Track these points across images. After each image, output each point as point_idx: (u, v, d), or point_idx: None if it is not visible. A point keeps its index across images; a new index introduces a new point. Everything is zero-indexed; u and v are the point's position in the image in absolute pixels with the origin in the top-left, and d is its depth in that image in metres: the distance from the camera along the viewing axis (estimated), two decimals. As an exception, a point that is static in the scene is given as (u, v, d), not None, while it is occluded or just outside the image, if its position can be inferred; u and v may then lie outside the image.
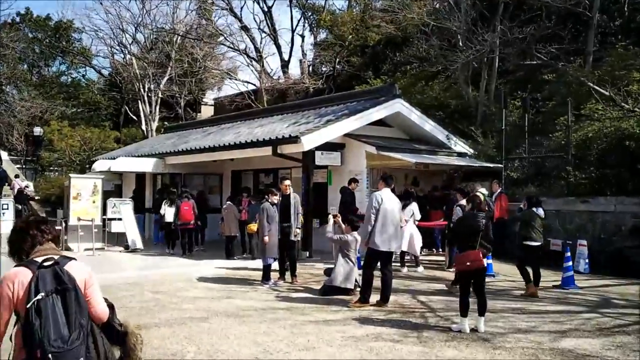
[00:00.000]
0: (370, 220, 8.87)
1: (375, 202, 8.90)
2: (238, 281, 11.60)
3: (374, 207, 8.87)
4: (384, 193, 9.09)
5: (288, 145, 14.36)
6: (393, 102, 15.79)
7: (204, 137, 19.88)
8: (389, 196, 9.12)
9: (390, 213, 9.00)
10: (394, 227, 9.01)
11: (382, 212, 8.89)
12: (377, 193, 9.08)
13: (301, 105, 19.21)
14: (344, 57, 29.47)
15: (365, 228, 8.97)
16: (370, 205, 8.95)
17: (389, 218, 8.95)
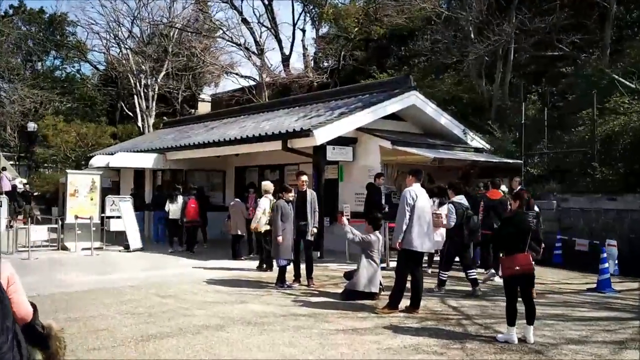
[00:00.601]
0: (405, 218, 8.10)
1: (410, 199, 8.14)
2: (249, 284, 10.81)
3: (409, 204, 8.11)
4: (416, 189, 8.33)
5: (299, 139, 13.60)
6: (408, 94, 15.02)
7: (206, 131, 19.07)
8: (421, 192, 8.36)
9: (423, 210, 8.25)
10: (427, 225, 8.25)
11: (416, 210, 8.13)
12: (410, 189, 8.30)
13: (309, 98, 18.41)
14: (348, 50, 28.66)
15: (399, 227, 8.19)
16: (404, 202, 8.18)
17: (422, 216, 8.20)
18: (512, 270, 6.81)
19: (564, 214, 14.40)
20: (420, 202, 8.20)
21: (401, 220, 8.18)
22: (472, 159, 15.03)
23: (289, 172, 17.71)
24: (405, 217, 8.11)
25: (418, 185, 8.41)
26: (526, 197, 7.29)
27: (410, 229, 8.11)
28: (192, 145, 16.87)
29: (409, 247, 8.14)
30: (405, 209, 8.15)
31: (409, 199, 8.16)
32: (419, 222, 8.14)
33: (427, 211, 8.33)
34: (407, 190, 8.29)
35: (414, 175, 8.44)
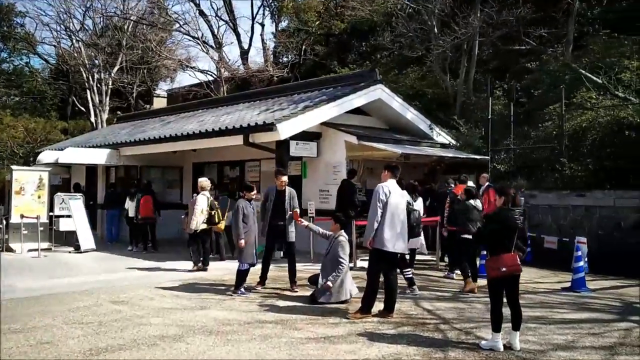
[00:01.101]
0: (376, 216, 7.57)
1: (383, 195, 7.61)
2: (210, 287, 10.11)
3: (381, 201, 7.58)
4: (390, 185, 7.80)
5: (261, 133, 12.94)
6: (374, 88, 14.51)
7: (163, 126, 18.20)
8: (395, 189, 7.84)
9: (397, 208, 7.74)
10: (400, 225, 7.73)
11: (389, 207, 7.61)
12: (383, 184, 7.77)
13: (272, 92, 17.72)
14: (309, 44, 28.06)
15: (370, 225, 7.65)
16: (376, 198, 7.64)
17: (396, 214, 7.68)
18: (497, 272, 6.34)
19: (532, 210, 14.11)
20: (393, 199, 7.68)
21: (373, 217, 7.64)
22: (439, 154, 14.63)
23: (249, 169, 17.04)
24: (377, 215, 7.58)
25: (393, 181, 7.90)
26: (512, 194, 6.83)
27: (382, 227, 7.58)
28: (148, 140, 16.03)
29: (381, 247, 7.61)
30: (377, 205, 7.61)
31: (381, 194, 7.63)
32: (392, 220, 7.62)
33: (401, 209, 7.81)
34: (381, 185, 7.76)
35: (390, 171, 7.92)
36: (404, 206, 7.99)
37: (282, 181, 9.78)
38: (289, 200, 9.74)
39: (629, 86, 14.57)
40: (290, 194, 9.82)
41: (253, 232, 9.51)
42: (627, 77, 14.68)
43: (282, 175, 9.89)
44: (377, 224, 7.56)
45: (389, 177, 7.88)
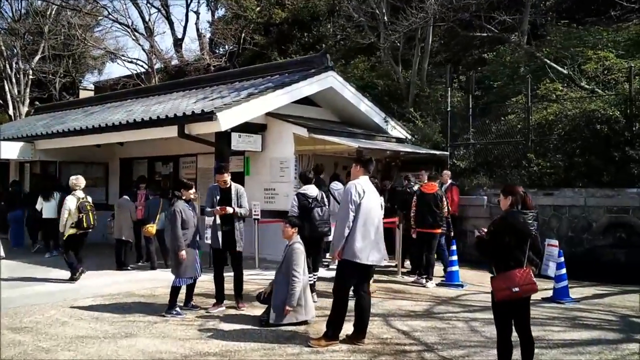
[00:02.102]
0: (347, 221, 6.14)
1: (356, 195, 6.18)
2: (139, 305, 8.42)
3: (353, 202, 6.16)
4: (363, 182, 6.38)
5: (199, 124, 11.30)
6: (325, 75, 13.07)
7: (86, 116, 16.19)
8: (370, 188, 6.42)
9: (371, 211, 6.32)
10: (375, 231, 6.32)
11: (362, 210, 6.19)
12: (355, 182, 6.34)
13: (210, 79, 15.99)
14: (249, 32, 26.38)
15: (339, 232, 6.21)
16: (347, 200, 6.20)
17: (369, 218, 6.26)
18: (508, 293, 5.01)
19: (495, 210, 13.05)
20: (367, 200, 6.26)
21: (343, 223, 6.20)
22: (397, 149, 13.35)
23: (185, 165, 15.34)
24: (348, 219, 6.15)
25: (366, 178, 6.47)
26: (521, 193, 5.54)
27: (353, 234, 6.15)
28: (67, 132, 14.04)
29: (352, 258, 6.18)
30: (348, 208, 6.18)
31: (353, 195, 6.19)
32: (365, 226, 6.20)
33: (375, 213, 6.39)
34: (352, 184, 6.32)
35: (362, 165, 6.48)
36: (379, 208, 6.59)
37: (224, 180, 8.20)
38: (237, 199, 8.16)
39: (594, 78, 13.71)
40: (237, 192, 8.21)
41: (194, 239, 7.91)
42: (591, 68, 13.82)
43: (223, 173, 8.25)
44: (347, 230, 6.12)
45: (362, 172, 6.46)
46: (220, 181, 8.17)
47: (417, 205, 10.40)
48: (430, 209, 10.31)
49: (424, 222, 10.31)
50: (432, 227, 10.37)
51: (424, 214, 10.32)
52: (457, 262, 10.38)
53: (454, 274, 10.24)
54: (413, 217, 10.44)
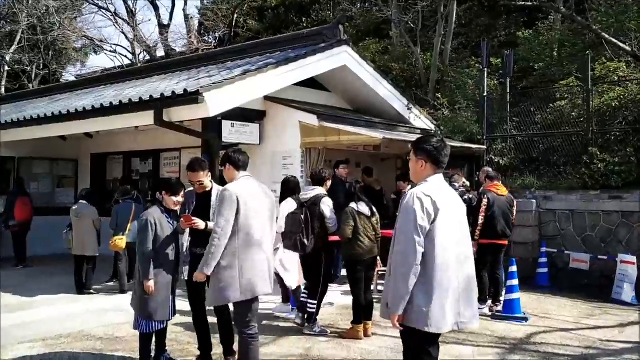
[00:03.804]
0: (411, 262, 3.55)
1: (423, 216, 3.59)
2: (97, 350, 5.97)
3: (419, 228, 3.57)
4: (436, 189, 3.75)
5: (181, 108, 8.85)
6: (339, 50, 10.64)
7: (49, 104, 13.64)
8: (447, 197, 3.80)
9: (451, 238, 3.69)
10: (459, 272, 3.75)
11: (437, 239, 3.61)
12: (421, 190, 3.69)
13: (199, 59, 13.42)
14: (241, 15, 23.90)
15: (399, 282, 3.58)
16: (408, 225, 3.60)
17: (450, 251, 3.67)
18: None
19: (546, 217, 10.68)
20: (442, 221, 3.64)
21: (404, 265, 3.56)
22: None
23: (166, 162, 12.88)
24: (414, 258, 3.53)
25: (440, 179, 3.87)
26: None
27: (423, 284, 3.57)
28: (22, 121, 11.45)
29: (422, 325, 3.59)
30: (412, 239, 3.55)
31: (419, 216, 3.57)
32: (442, 267, 3.60)
33: (457, 240, 3.76)
34: (416, 194, 3.66)
35: (429, 156, 3.80)
36: (464, 230, 4.00)
37: (199, 181, 5.64)
38: (216, 207, 5.66)
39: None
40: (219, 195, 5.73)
41: (171, 264, 5.45)
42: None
43: (198, 170, 5.61)
44: (413, 278, 3.55)
45: (431, 169, 3.79)
46: (194, 183, 5.64)
47: (487, 210, 8.08)
48: (506, 215, 8.27)
49: (494, 231, 8.14)
50: (503, 237, 8.30)
51: (497, 221, 8.15)
52: (518, 286, 7.93)
53: (514, 304, 7.80)
54: (481, 225, 8.09)
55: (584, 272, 9.84)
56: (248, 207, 4.77)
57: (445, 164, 3.86)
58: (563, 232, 10.44)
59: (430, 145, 3.81)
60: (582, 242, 10.22)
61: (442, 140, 3.93)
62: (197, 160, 5.73)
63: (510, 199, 8.54)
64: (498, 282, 8.32)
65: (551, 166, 11.20)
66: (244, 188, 4.85)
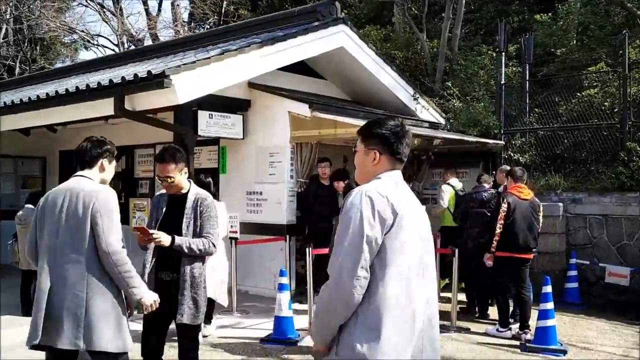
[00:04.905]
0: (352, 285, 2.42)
1: (370, 221, 2.47)
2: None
3: (366, 237, 2.48)
4: (392, 188, 2.61)
5: (146, 94, 7.43)
6: (335, 29, 9.19)
7: (14, 94, 12.16)
8: (408, 200, 2.68)
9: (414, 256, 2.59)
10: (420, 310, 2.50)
11: (397, 254, 2.54)
12: (370, 188, 2.55)
13: (176, 44, 11.93)
14: (234, 1, 22.47)
15: (327, 306, 2.56)
16: (350, 230, 2.50)
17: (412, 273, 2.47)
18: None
19: (575, 223, 9.23)
20: (407, 231, 2.57)
21: (338, 288, 2.48)
22: (441, 136, 9.49)
23: (140, 159, 11.43)
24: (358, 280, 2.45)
25: (397, 175, 2.72)
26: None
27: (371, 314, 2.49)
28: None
29: None
30: (357, 251, 2.46)
31: (366, 221, 2.49)
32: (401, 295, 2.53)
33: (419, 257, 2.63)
34: (363, 192, 2.54)
35: (383, 143, 2.70)
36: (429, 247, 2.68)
37: (167, 176, 4.18)
38: (193, 218, 4.20)
39: None
40: (198, 204, 4.23)
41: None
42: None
43: (168, 162, 4.18)
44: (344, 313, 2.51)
45: (387, 163, 2.73)
46: (162, 179, 4.22)
47: (507, 217, 6.64)
48: (530, 224, 6.81)
49: (515, 242, 6.72)
50: (526, 250, 6.82)
51: (519, 231, 6.70)
52: (553, 311, 6.48)
53: (549, 332, 6.33)
54: (498, 234, 6.66)
55: (621, 288, 8.40)
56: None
57: (405, 156, 2.73)
58: (595, 240, 8.99)
59: (386, 129, 2.69)
60: (618, 253, 8.78)
61: (401, 123, 2.77)
62: (169, 149, 4.33)
63: (536, 203, 7.04)
64: (525, 303, 6.89)
65: (578, 164, 9.77)
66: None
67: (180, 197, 4.25)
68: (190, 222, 4.17)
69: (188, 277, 4.12)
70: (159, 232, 4.01)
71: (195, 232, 4.17)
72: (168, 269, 4.16)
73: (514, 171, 7.13)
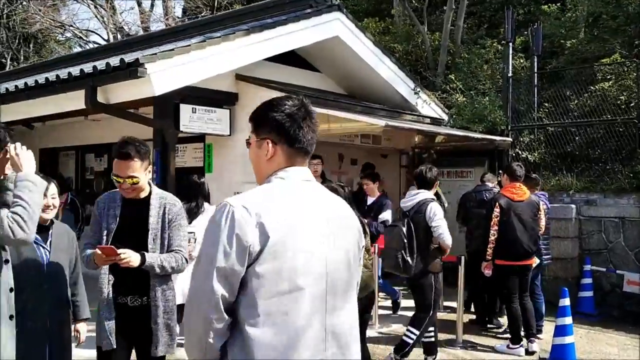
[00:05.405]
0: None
1: (227, 243, 1.85)
2: None
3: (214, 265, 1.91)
4: (278, 193, 2.02)
5: (120, 85, 6.79)
6: (329, 16, 8.51)
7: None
8: (301, 208, 2.00)
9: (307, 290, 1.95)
10: None
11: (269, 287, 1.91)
12: (241, 199, 1.93)
13: (162, 35, 11.26)
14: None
15: None
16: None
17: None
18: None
19: (589, 226, 8.53)
20: (293, 253, 1.88)
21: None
22: (445, 132, 8.82)
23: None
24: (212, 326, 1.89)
25: (297, 175, 2.07)
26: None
27: None
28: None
29: None
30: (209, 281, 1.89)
31: (222, 245, 1.86)
32: None
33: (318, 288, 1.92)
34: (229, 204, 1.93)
35: (285, 140, 2.06)
36: (344, 270, 2.00)
37: (130, 176, 3.34)
38: (160, 229, 3.43)
39: None
40: (164, 210, 3.46)
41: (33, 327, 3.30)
42: None
43: (132, 158, 3.32)
44: None
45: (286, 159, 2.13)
46: (121, 179, 3.37)
47: (500, 222, 5.98)
48: (529, 227, 6.13)
49: (512, 249, 6.07)
50: (525, 256, 6.14)
51: (515, 236, 6.03)
52: (572, 326, 5.78)
53: (567, 350, 5.63)
54: (492, 241, 6.00)
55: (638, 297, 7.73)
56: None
57: (311, 145, 2.07)
58: (611, 245, 8.29)
59: (279, 111, 2.04)
60: (636, 259, 8.09)
61: (301, 102, 2.07)
62: (131, 141, 3.38)
63: (534, 204, 6.30)
64: (526, 312, 6.23)
65: (591, 162, 9.08)
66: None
67: (140, 202, 3.45)
68: (157, 234, 3.40)
69: (161, 302, 3.39)
70: (127, 250, 3.22)
71: (164, 246, 3.41)
72: (132, 292, 3.40)
73: (512, 169, 6.42)
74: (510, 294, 6.22)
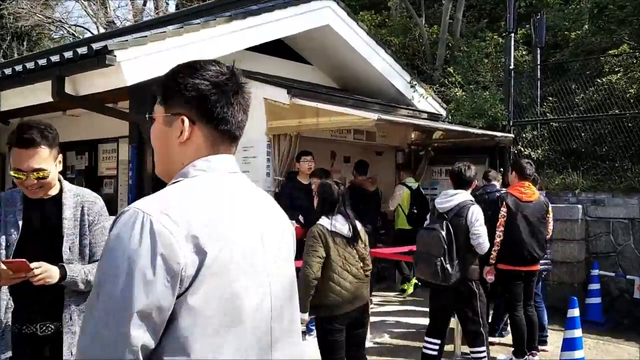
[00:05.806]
0: None
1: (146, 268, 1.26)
2: None
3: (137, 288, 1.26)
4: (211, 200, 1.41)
5: (89, 74, 6.28)
6: (320, 4, 7.99)
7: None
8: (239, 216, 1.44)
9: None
10: None
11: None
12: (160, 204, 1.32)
13: (143, 26, 10.79)
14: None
15: None
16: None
17: None
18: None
19: (597, 228, 8.01)
20: (229, 275, 1.34)
21: None
22: (443, 127, 8.30)
23: (105, 155, 10.20)
24: None
25: (224, 165, 1.51)
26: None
27: None
28: None
29: None
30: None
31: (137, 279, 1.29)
32: None
33: None
34: (140, 211, 1.33)
35: (205, 118, 1.49)
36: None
37: (37, 169, 2.54)
38: (77, 231, 2.70)
39: None
40: (82, 210, 2.73)
41: None
42: None
43: (38, 145, 2.53)
44: None
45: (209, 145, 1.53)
46: (23, 174, 2.56)
47: (507, 224, 5.46)
48: (536, 230, 5.59)
49: (518, 253, 5.54)
50: (531, 261, 5.63)
51: (522, 239, 5.50)
52: (582, 339, 5.25)
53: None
54: (498, 243, 5.48)
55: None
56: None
57: (239, 130, 1.57)
58: (620, 248, 7.77)
59: (201, 77, 1.48)
60: (647, 262, 7.58)
61: (231, 71, 1.53)
62: (32, 124, 2.57)
63: (543, 205, 5.79)
64: (531, 322, 5.71)
65: (598, 160, 8.56)
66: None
67: (49, 202, 2.72)
68: (74, 240, 2.70)
69: (78, 327, 2.63)
70: (43, 263, 2.50)
71: (84, 256, 2.72)
72: (44, 318, 2.66)
73: (522, 166, 5.87)
74: (514, 301, 5.69)
